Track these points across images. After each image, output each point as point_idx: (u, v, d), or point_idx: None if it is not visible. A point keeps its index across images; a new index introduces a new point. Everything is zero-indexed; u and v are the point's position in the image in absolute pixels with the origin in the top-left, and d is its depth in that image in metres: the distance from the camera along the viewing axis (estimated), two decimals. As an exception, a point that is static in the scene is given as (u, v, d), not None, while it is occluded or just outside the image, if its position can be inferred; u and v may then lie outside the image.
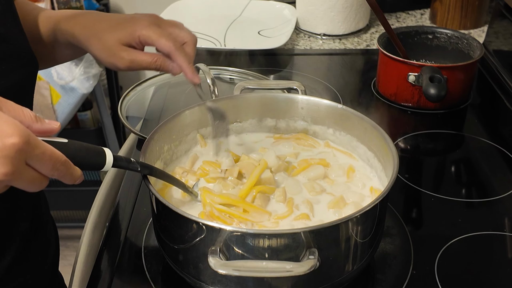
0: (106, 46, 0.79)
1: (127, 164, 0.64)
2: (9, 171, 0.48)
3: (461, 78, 1.11)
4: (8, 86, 0.67)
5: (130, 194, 0.90)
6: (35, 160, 0.50)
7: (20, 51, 0.71)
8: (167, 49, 0.79)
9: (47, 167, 0.52)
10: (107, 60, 0.81)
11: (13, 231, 0.72)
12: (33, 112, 0.54)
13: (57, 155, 0.52)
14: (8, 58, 0.68)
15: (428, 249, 0.79)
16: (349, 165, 0.80)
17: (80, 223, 2.05)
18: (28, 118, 0.53)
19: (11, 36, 0.69)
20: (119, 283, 0.74)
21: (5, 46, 0.68)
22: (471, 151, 1.04)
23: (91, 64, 1.96)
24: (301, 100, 0.85)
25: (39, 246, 0.79)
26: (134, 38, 0.79)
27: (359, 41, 1.45)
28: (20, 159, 0.49)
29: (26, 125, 0.52)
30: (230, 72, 1.20)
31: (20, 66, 0.70)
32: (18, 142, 0.48)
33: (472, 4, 1.45)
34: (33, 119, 0.53)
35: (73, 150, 0.56)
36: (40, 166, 0.51)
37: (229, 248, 0.60)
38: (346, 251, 0.65)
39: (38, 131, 0.53)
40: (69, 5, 2.03)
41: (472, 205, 0.89)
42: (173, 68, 0.80)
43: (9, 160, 0.48)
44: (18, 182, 0.50)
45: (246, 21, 1.49)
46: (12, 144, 0.47)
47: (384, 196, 0.64)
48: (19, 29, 0.73)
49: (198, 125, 0.83)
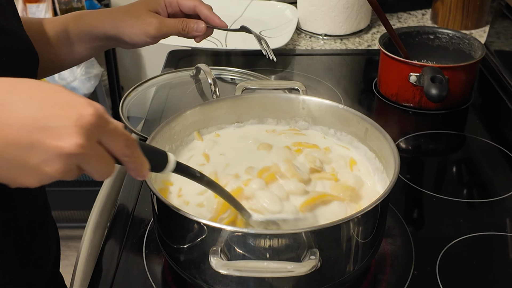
0: (136, 14, 0.86)
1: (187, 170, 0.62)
2: (84, 143, 0.46)
3: (462, 79, 1.11)
4: None
5: (131, 194, 0.90)
6: (108, 136, 0.48)
7: (20, 44, 0.71)
8: (192, 4, 0.89)
9: (120, 144, 0.49)
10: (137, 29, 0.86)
11: (13, 230, 0.73)
12: None
13: (129, 134, 0.51)
14: (9, 50, 0.68)
15: (429, 249, 0.78)
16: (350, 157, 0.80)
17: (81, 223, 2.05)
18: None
19: (12, 29, 0.69)
20: (120, 283, 0.74)
21: (5, 38, 0.68)
22: (472, 151, 1.04)
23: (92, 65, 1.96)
24: (302, 100, 0.85)
25: (40, 246, 0.79)
26: (160, 3, 0.89)
27: (360, 42, 1.45)
28: (95, 132, 0.47)
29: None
30: (231, 73, 1.20)
31: (20, 59, 0.70)
32: (93, 114, 0.46)
33: (474, 5, 1.45)
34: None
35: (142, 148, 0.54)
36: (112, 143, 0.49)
37: (230, 248, 0.60)
38: (347, 251, 0.65)
39: None
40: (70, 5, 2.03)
41: (473, 206, 0.89)
42: (197, 27, 0.88)
43: (85, 132, 0.46)
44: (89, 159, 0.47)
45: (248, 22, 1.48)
46: (88, 115, 0.46)
47: (385, 197, 0.64)
48: (19, 23, 0.73)
49: (199, 125, 0.83)
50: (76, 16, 0.90)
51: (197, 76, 1.16)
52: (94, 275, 0.76)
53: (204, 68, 1.08)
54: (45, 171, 0.46)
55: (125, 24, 0.87)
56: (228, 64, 1.23)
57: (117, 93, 2.27)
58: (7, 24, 0.68)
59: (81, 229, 0.90)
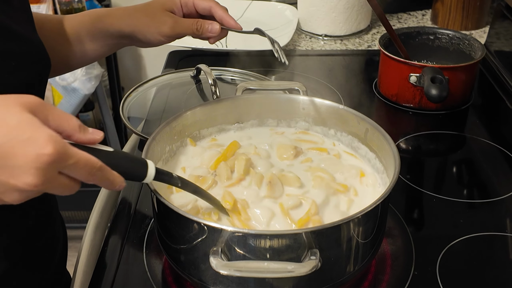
0: (151, 13, 0.87)
1: (168, 178, 0.63)
2: (39, 182, 0.48)
3: (462, 79, 1.11)
4: (16, 84, 0.67)
5: (132, 195, 0.90)
6: (68, 170, 0.51)
7: (31, 48, 0.71)
8: (207, 5, 0.89)
9: (82, 174, 0.52)
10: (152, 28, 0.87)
11: (20, 226, 0.73)
12: (78, 121, 0.53)
13: (92, 162, 0.52)
14: (18, 55, 0.68)
15: (429, 250, 0.78)
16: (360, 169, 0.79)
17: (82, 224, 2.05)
18: (71, 128, 0.52)
19: (23, 34, 0.69)
20: (121, 284, 0.74)
21: (16, 43, 0.68)
22: (472, 151, 1.04)
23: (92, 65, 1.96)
24: (303, 100, 0.85)
25: (47, 243, 0.79)
26: (176, 3, 0.89)
27: (361, 42, 1.45)
28: (52, 170, 0.49)
29: (68, 134, 0.52)
30: (232, 73, 1.20)
31: (30, 63, 0.70)
32: (51, 153, 0.48)
33: (474, 5, 1.45)
34: (76, 129, 0.53)
35: (117, 160, 0.56)
36: (74, 174, 0.51)
37: (230, 248, 0.60)
38: (347, 251, 0.65)
39: (80, 141, 0.53)
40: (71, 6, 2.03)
41: (473, 206, 0.89)
42: (212, 28, 0.88)
43: (41, 172, 0.48)
44: (48, 190, 0.51)
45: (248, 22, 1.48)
46: (45, 155, 0.47)
47: (385, 197, 0.64)
48: (32, 27, 0.73)
49: (200, 126, 0.83)
50: (93, 13, 0.90)
51: (197, 76, 1.16)
52: (95, 275, 0.76)
53: (205, 69, 1.08)
54: (6, 200, 0.50)
55: (140, 22, 0.87)
56: (229, 65, 1.23)
57: (117, 93, 2.27)
58: (18, 29, 0.68)
59: (81, 229, 0.90)
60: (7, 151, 0.47)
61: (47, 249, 0.80)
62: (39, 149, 0.47)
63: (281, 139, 0.84)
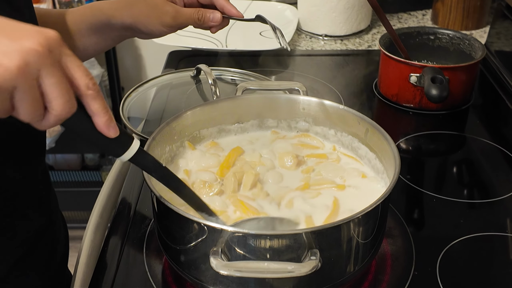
0: (152, 3, 0.86)
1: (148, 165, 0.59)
2: (17, 64, 0.43)
3: (463, 79, 1.11)
4: None
5: (132, 195, 0.90)
6: (65, 59, 0.46)
7: None
8: None
9: (79, 72, 0.47)
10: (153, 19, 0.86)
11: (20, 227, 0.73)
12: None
13: (87, 72, 0.48)
14: None
15: (430, 250, 0.78)
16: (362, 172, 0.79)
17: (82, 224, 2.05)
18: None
19: None
20: (121, 284, 0.74)
21: None
22: (473, 152, 1.04)
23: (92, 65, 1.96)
24: (303, 101, 0.85)
25: (47, 243, 0.79)
26: None
27: (361, 42, 1.45)
28: (38, 63, 0.44)
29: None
30: (232, 73, 1.20)
31: None
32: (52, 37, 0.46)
33: (474, 5, 1.45)
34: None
35: None
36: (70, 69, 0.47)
37: (230, 248, 0.60)
38: (347, 252, 0.64)
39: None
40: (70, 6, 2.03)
41: (474, 206, 0.89)
42: (214, 17, 0.88)
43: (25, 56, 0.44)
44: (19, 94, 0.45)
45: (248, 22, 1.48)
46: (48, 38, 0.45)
47: (385, 197, 0.64)
48: None
49: (200, 126, 0.83)
50: (94, 6, 0.90)
51: (197, 76, 1.16)
52: (95, 275, 0.76)
53: (205, 69, 1.08)
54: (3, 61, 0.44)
55: (142, 13, 0.87)
56: (229, 65, 1.23)
57: (117, 93, 2.27)
58: None
59: (81, 229, 0.90)
60: None
61: (48, 249, 0.80)
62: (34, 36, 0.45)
63: (282, 144, 0.84)
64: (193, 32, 1.38)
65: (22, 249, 0.73)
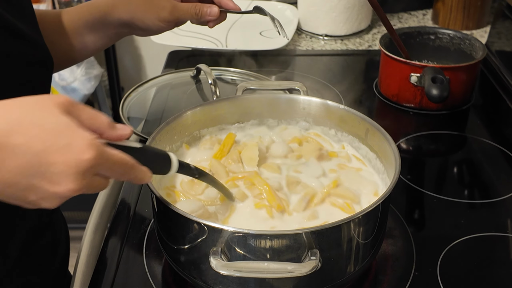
0: None
1: (188, 170, 0.65)
2: (80, 187, 0.48)
3: (463, 79, 1.11)
4: (22, 83, 0.67)
5: (132, 195, 0.89)
6: (105, 170, 0.51)
7: (36, 48, 0.71)
8: None
9: (117, 174, 0.52)
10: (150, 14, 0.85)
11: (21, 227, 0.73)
12: (108, 117, 0.53)
13: (126, 162, 0.52)
14: (23, 54, 0.68)
15: (430, 250, 0.78)
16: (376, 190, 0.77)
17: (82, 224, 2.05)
18: (104, 125, 0.52)
19: (28, 34, 0.69)
20: (121, 284, 0.74)
21: (21, 42, 0.68)
22: (473, 152, 1.04)
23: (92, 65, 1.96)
24: (303, 100, 0.84)
25: (48, 244, 0.79)
26: None
27: (361, 42, 1.45)
28: (91, 173, 0.49)
29: (100, 132, 0.52)
30: (232, 73, 1.20)
31: (34, 64, 0.70)
32: (91, 158, 0.48)
33: (475, 5, 1.45)
34: (107, 126, 0.52)
35: (146, 156, 0.56)
36: (109, 173, 0.52)
37: (230, 248, 0.60)
38: (348, 252, 0.64)
39: (110, 138, 0.53)
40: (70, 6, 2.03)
41: (474, 206, 0.89)
42: (211, 11, 0.87)
43: (81, 176, 0.48)
44: (86, 192, 0.51)
45: (248, 22, 1.48)
46: (85, 161, 0.47)
47: (386, 197, 0.64)
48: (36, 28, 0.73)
49: (200, 126, 0.83)
50: (90, 4, 0.89)
51: (197, 76, 1.16)
52: (95, 276, 0.76)
53: (205, 69, 1.08)
54: (43, 205, 0.50)
55: (139, 9, 0.86)
56: (229, 65, 1.23)
57: (117, 93, 2.27)
58: (23, 29, 0.68)
59: (81, 230, 0.90)
60: (46, 159, 0.47)
61: (49, 250, 0.80)
62: (78, 155, 0.47)
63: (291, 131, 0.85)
64: (193, 32, 1.38)
65: (23, 249, 0.73)
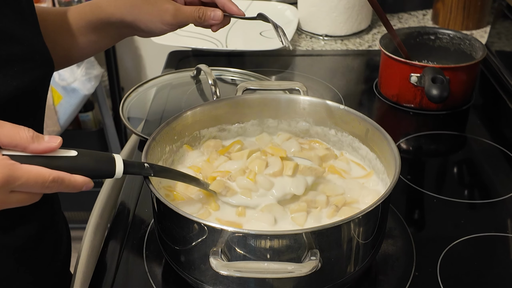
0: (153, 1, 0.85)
1: (139, 170, 0.64)
2: None
3: (463, 79, 1.11)
4: (22, 88, 0.67)
5: (132, 195, 0.89)
6: (19, 188, 0.52)
7: (35, 52, 0.70)
8: None
9: (35, 189, 0.53)
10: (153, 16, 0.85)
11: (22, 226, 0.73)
12: (31, 131, 0.54)
13: (43, 177, 0.53)
14: (22, 59, 0.67)
15: (430, 250, 0.78)
16: None
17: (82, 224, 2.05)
18: (24, 140, 0.53)
19: (27, 38, 0.69)
20: (121, 285, 0.74)
21: (19, 47, 0.67)
22: (473, 152, 1.04)
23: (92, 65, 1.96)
24: (303, 101, 0.84)
25: (50, 244, 0.79)
26: None
27: (361, 42, 1.45)
28: (4, 191, 0.50)
29: (22, 147, 0.53)
30: (232, 73, 1.20)
31: (33, 68, 0.70)
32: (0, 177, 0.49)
33: (475, 5, 1.45)
34: (30, 140, 0.53)
35: (80, 163, 0.56)
36: (27, 189, 0.52)
37: (230, 249, 0.60)
38: (348, 252, 0.64)
39: (36, 152, 0.54)
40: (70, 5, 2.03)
41: (474, 207, 0.89)
42: (214, 15, 0.86)
43: None
44: (5, 207, 0.52)
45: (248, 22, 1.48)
46: None
47: (386, 197, 0.64)
48: (37, 31, 0.73)
49: (200, 126, 0.83)
50: (92, 4, 0.89)
51: (197, 76, 1.16)
52: (95, 276, 0.76)
53: (205, 69, 1.08)
54: None
55: (142, 11, 0.85)
56: (229, 65, 1.23)
57: (117, 93, 2.27)
58: (22, 33, 0.68)
59: (81, 230, 0.90)
60: None
61: (51, 250, 0.80)
62: None
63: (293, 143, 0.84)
64: (193, 32, 1.38)
65: (24, 250, 0.73)
